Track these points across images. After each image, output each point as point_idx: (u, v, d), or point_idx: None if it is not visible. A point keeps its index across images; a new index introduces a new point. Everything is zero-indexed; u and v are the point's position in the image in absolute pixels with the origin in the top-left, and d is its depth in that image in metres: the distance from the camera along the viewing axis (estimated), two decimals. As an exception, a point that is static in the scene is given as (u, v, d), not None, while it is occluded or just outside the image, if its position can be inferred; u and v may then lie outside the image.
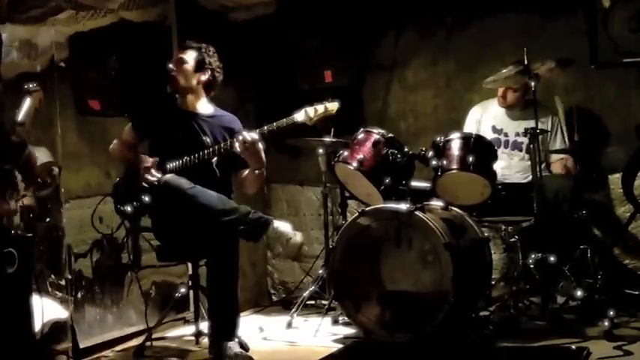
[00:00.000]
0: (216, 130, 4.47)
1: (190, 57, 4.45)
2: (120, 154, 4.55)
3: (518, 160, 5.17)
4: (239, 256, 4.11)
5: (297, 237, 4.12)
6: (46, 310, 3.92)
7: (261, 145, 4.20)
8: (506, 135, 5.22)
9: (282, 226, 4.10)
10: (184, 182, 4.12)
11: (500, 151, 5.04)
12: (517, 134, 5.17)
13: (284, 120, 4.21)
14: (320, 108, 4.23)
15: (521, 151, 5.16)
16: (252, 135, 4.18)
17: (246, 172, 4.38)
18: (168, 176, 4.21)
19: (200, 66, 4.45)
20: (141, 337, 4.57)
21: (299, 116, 4.21)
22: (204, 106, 4.52)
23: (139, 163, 4.38)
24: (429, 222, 4.21)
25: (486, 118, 5.30)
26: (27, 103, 3.77)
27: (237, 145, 4.18)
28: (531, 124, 4.64)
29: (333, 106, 4.26)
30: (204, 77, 4.47)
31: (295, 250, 4.14)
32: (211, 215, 4.04)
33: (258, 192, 4.45)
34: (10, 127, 3.62)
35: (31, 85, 3.84)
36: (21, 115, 3.72)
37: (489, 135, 5.17)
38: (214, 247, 4.06)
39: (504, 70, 4.74)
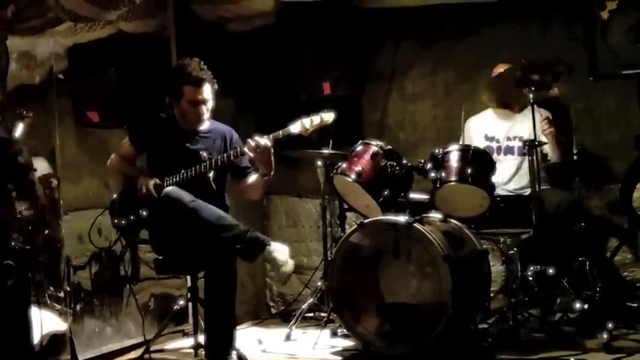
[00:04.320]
0: (214, 143, 4.46)
1: (209, 93, 4.39)
2: (119, 168, 4.54)
3: (511, 163, 5.16)
4: (237, 270, 4.11)
5: (288, 266, 4.09)
6: (44, 322, 3.92)
7: (272, 150, 4.20)
8: (497, 141, 5.22)
9: (276, 251, 4.08)
10: (185, 195, 4.12)
11: (494, 158, 5.04)
12: (508, 139, 5.18)
13: (280, 132, 4.20)
14: (316, 119, 4.22)
15: (513, 154, 5.17)
16: (264, 140, 4.16)
17: (250, 179, 4.39)
18: (170, 188, 4.20)
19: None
20: (139, 350, 4.57)
21: (294, 128, 4.19)
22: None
23: (138, 177, 4.39)
24: (427, 234, 4.20)
25: (478, 126, 5.30)
26: (20, 127, 3.83)
27: (246, 149, 4.19)
28: (519, 128, 4.83)
29: (328, 116, 4.25)
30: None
31: (284, 278, 4.13)
32: (210, 230, 4.05)
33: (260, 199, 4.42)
34: (18, 148, 3.66)
35: (24, 112, 3.90)
36: (17, 136, 3.78)
37: (482, 143, 5.17)
38: (212, 262, 4.07)
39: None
